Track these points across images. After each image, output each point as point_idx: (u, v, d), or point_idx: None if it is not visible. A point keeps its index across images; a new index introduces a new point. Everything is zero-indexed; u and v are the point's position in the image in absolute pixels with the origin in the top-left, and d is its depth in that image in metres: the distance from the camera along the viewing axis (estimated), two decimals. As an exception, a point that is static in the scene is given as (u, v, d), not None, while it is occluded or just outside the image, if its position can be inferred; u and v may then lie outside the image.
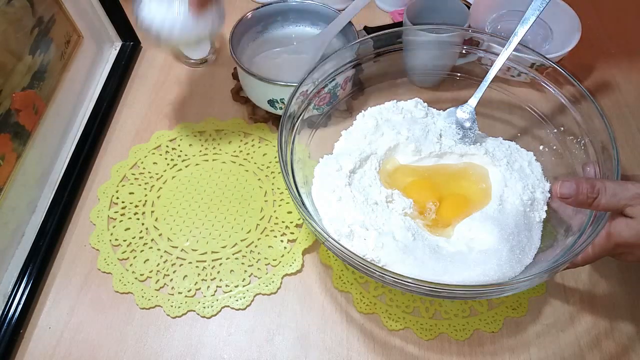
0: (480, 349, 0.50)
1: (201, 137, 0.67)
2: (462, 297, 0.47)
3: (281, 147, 0.49)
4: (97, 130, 0.66)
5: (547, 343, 0.51)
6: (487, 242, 0.48)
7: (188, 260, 0.56)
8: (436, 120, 0.58)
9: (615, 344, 0.51)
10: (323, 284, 0.55)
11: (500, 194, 0.52)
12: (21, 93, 0.55)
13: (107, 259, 0.56)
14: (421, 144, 0.56)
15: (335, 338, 0.51)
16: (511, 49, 0.53)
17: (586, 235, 0.44)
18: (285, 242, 0.57)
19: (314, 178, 0.54)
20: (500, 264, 0.47)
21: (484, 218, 0.50)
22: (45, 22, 0.59)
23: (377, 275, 0.43)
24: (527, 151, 0.57)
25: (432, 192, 0.54)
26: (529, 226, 0.51)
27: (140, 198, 0.61)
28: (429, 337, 0.51)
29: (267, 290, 0.54)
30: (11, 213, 0.54)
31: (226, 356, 0.51)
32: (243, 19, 0.67)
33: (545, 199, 0.53)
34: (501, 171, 0.54)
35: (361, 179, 0.53)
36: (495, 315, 0.52)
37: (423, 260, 0.47)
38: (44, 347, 0.51)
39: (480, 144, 0.57)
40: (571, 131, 0.54)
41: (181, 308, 0.53)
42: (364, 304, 0.53)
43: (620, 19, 0.81)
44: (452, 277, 0.46)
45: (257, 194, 0.61)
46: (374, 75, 0.64)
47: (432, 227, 0.51)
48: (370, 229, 0.48)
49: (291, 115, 0.52)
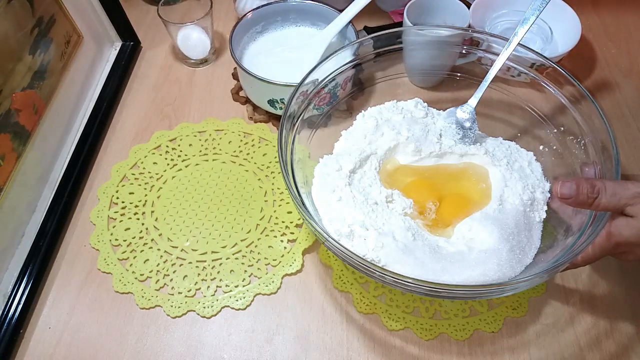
0: (480, 349, 0.50)
1: (201, 137, 0.67)
2: (462, 297, 0.47)
3: (281, 147, 0.48)
4: (97, 130, 0.66)
5: (547, 343, 0.51)
6: (487, 242, 0.48)
7: (188, 260, 0.56)
8: (436, 120, 0.58)
9: (615, 344, 0.51)
10: (323, 284, 0.55)
11: (500, 194, 0.52)
12: (21, 93, 0.55)
13: (107, 259, 0.56)
14: (421, 144, 0.56)
15: (335, 338, 0.51)
16: (511, 49, 0.53)
17: (586, 236, 0.44)
18: (285, 242, 0.57)
19: (314, 178, 0.54)
20: (500, 264, 0.47)
21: (484, 218, 0.50)
22: (45, 22, 0.59)
23: (377, 275, 0.43)
24: (527, 151, 0.57)
25: (432, 192, 0.54)
26: (529, 226, 0.51)
27: (140, 198, 0.61)
28: (429, 337, 0.51)
29: (267, 290, 0.54)
30: (11, 213, 0.54)
31: (226, 356, 0.51)
32: (243, 19, 0.67)
33: (545, 199, 0.53)
34: (501, 171, 0.54)
35: (361, 179, 0.53)
36: (495, 315, 0.52)
37: (423, 260, 0.47)
38: (44, 347, 0.51)
39: (480, 144, 0.57)
40: (571, 131, 0.54)
41: (181, 308, 0.53)
42: (364, 304, 0.53)
43: (620, 19, 0.81)
44: (452, 277, 0.46)
45: (257, 194, 0.61)
46: (374, 75, 0.64)
47: (432, 227, 0.51)
48: (370, 229, 0.48)
49: (291, 115, 0.52)
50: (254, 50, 0.68)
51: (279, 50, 0.68)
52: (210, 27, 0.72)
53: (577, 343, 0.51)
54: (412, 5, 0.67)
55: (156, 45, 0.78)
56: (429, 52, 0.62)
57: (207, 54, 0.74)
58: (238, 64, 0.63)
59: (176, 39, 0.71)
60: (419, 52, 0.63)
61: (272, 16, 0.70)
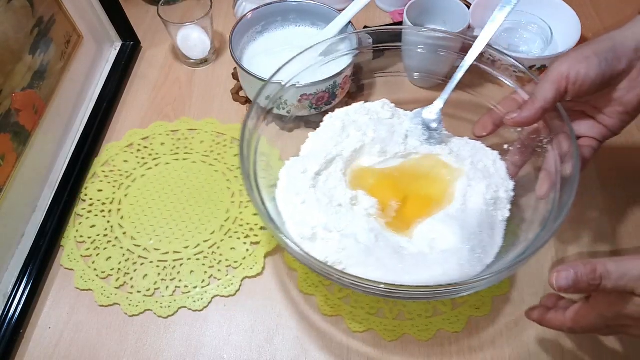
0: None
1: (174, 135, 0.66)
2: (420, 297, 0.47)
3: (242, 152, 0.47)
4: (97, 130, 0.66)
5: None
6: (449, 242, 0.48)
7: (150, 259, 0.56)
8: (403, 121, 0.58)
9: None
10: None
11: (463, 194, 0.52)
12: (21, 93, 0.55)
13: (70, 256, 0.56)
14: (386, 145, 0.55)
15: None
16: (479, 50, 0.53)
17: (547, 232, 0.44)
18: (249, 245, 0.57)
19: (279, 181, 0.53)
20: (461, 263, 0.46)
21: (446, 218, 0.50)
22: (45, 22, 0.59)
23: (336, 278, 0.42)
24: (492, 150, 0.57)
25: (396, 192, 0.53)
26: (492, 225, 0.51)
27: (108, 196, 0.61)
28: (393, 338, 0.51)
29: (226, 292, 0.54)
30: (11, 213, 0.54)
31: (226, 356, 0.51)
32: (243, 18, 0.67)
33: (509, 198, 0.52)
34: (465, 170, 0.54)
35: (326, 181, 0.53)
36: (458, 315, 0.52)
37: (384, 261, 0.46)
38: (44, 347, 0.51)
39: (445, 144, 0.56)
40: (533, 129, 0.53)
41: (139, 307, 0.53)
42: (328, 307, 0.52)
43: (620, 19, 0.81)
44: (412, 277, 0.45)
45: (225, 194, 0.61)
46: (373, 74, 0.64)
47: (396, 227, 0.51)
48: (333, 231, 0.48)
49: (254, 115, 0.51)
50: (254, 50, 0.68)
51: (279, 50, 0.68)
52: (210, 27, 0.72)
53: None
54: (412, 5, 0.67)
55: (156, 45, 0.78)
56: (428, 54, 0.62)
57: (207, 54, 0.74)
58: (238, 64, 0.63)
59: (176, 39, 0.71)
60: (417, 53, 0.62)
61: (272, 16, 0.70)
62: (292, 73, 0.56)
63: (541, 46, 0.71)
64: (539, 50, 0.71)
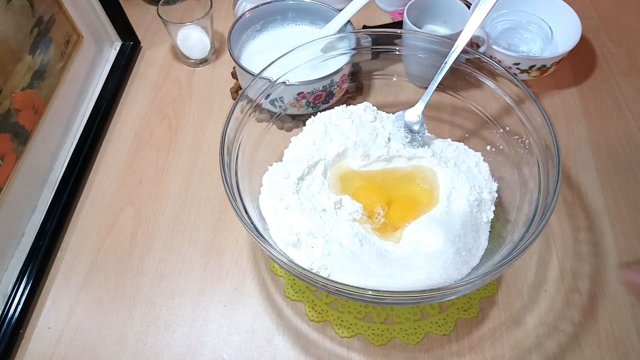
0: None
1: None
2: (406, 302, 0.46)
3: (222, 158, 0.47)
4: (97, 130, 0.66)
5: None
6: (433, 245, 0.47)
7: None
8: (385, 124, 0.57)
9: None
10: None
11: (447, 196, 0.51)
12: (21, 93, 0.55)
13: None
14: (369, 148, 0.55)
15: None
16: (457, 53, 0.53)
17: (531, 232, 0.43)
18: None
19: (262, 187, 0.53)
20: (445, 266, 0.46)
21: (431, 221, 0.49)
22: (45, 22, 0.59)
23: (321, 285, 0.42)
24: (475, 152, 0.56)
25: (380, 196, 0.53)
26: (477, 227, 0.50)
27: None
28: (381, 342, 0.50)
29: None
30: (11, 213, 0.54)
31: (226, 356, 0.51)
32: (242, 17, 0.67)
33: (492, 199, 0.52)
34: (449, 173, 0.53)
35: (310, 186, 0.52)
36: (446, 318, 0.52)
37: (369, 266, 0.46)
38: (44, 347, 0.51)
39: (428, 146, 0.56)
40: (516, 131, 0.53)
41: None
42: (315, 313, 0.52)
43: (620, 19, 0.81)
44: (397, 281, 0.45)
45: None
46: (372, 74, 0.64)
47: (382, 231, 0.50)
48: (317, 237, 0.47)
49: (236, 118, 0.51)
50: (253, 48, 0.68)
51: (278, 49, 0.67)
52: (210, 27, 0.72)
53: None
54: (412, 5, 0.67)
55: (156, 45, 0.78)
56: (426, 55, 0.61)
57: (206, 54, 0.74)
58: (236, 62, 0.63)
59: (176, 38, 0.71)
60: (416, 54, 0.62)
61: (271, 15, 0.69)
62: (286, 70, 0.55)
63: (541, 46, 0.71)
64: (539, 50, 0.71)
